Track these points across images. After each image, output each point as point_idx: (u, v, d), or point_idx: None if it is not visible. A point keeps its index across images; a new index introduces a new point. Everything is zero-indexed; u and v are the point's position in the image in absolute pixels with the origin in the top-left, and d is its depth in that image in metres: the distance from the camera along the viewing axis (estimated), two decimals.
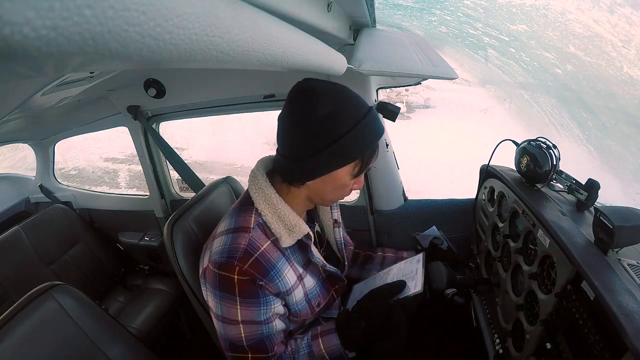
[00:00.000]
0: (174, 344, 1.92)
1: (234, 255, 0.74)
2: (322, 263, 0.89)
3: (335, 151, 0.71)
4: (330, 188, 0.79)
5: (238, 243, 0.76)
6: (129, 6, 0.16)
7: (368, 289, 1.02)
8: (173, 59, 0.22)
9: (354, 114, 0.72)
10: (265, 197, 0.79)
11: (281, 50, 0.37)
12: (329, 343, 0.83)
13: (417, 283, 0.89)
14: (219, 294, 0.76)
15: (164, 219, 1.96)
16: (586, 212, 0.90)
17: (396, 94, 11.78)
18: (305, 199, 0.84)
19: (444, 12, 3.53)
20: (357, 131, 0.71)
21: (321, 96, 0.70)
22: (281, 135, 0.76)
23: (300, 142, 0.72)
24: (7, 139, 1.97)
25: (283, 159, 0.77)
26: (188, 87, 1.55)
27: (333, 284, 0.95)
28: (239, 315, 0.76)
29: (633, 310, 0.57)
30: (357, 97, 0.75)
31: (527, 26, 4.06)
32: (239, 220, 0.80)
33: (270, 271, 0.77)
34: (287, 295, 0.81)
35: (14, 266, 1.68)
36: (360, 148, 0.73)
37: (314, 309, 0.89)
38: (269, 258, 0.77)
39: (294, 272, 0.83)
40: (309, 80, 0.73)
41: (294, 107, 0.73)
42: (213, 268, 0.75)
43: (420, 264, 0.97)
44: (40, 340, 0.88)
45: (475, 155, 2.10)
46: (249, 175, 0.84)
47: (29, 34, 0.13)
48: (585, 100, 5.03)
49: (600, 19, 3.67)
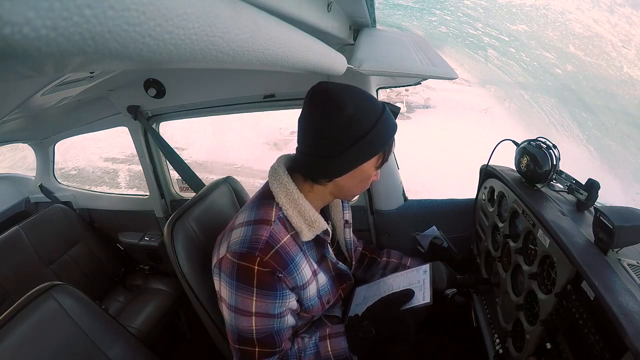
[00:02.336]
0: (174, 344, 1.92)
1: (256, 246, 0.76)
2: (335, 260, 0.93)
3: (362, 146, 0.75)
4: (357, 181, 0.82)
5: (260, 234, 0.77)
6: (129, 6, 0.16)
7: (372, 293, 1.03)
8: (173, 59, 0.22)
9: (374, 111, 0.77)
10: (287, 192, 0.81)
11: (281, 50, 0.37)
12: (336, 345, 0.85)
13: (425, 294, 0.91)
14: (235, 284, 0.76)
15: (164, 219, 1.96)
16: (586, 212, 0.90)
17: (396, 94, 11.78)
18: (328, 195, 0.86)
19: (444, 12, 3.53)
20: (379, 126, 0.76)
21: (344, 96, 0.73)
22: (305, 135, 0.79)
23: (327, 141, 0.75)
24: (7, 139, 1.97)
25: (307, 158, 0.79)
26: (188, 87, 1.55)
27: (341, 282, 0.98)
28: (253, 306, 0.77)
29: (633, 310, 0.57)
30: (372, 96, 0.80)
31: (527, 26, 4.06)
32: (260, 213, 0.82)
33: (289, 264, 0.79)
34: (302, 290, 0.83)
35: (14, 266, 1.68)
36: (383, 141, 0.78)
37: (324, 305, 0.91)
38: (288, 251, 0.79)
39: (309, 268, 0.85)
40: (326, 83, 0.76)
41: (316, 109, 0.75)
42: (232, 258, 0.76)
43: (427, 275, 0.98)
44: (40, 340, 0.88)
45: (475, 155, 2.10)
46: (268, 171, 0.86)
47: (29, 34, 0.13)
48: (585, 100, 5.03)
49: (600, 19, 3.68)
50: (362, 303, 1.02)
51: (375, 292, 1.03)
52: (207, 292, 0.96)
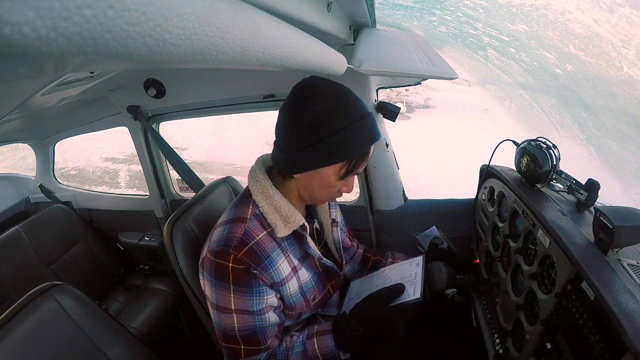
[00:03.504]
0: (174, 344, 1.92)
1: (230, 244, 0.77)
2: (319, 256, 0.91)
3: (320, 149, 0.72)
4: (316, 185, 0.80)
5: (234, 232, 0.79)
6: (129, 6, 0.16)
7: (365, 287, 1.02)
8: (173, 59, 0.22)
9: (345, 116, 0.71)
10: (262, 188, 0.82)
11: (281, 50, 0.37)
12: (323, 344, 0.84)
13: (416, 289, 0.89)
14: (215, 282, 0.78)
15: (164, 219, 1.96)
16: (586, 212, 0.90)
17: (396, 94, 11.78)
18: (297, 194, 0.86)
19: (444, 12, 3.53)
20: (346, 133, 0.71)
21: (317, 94, 0.72)
22: (277, 127, 0.79)
23: (291, 135, 0.75)
24: (7, 139, 1.97)
25: (277, 151, 0.80)
26: (188, 87, 1.55)
27: (329, 279, 0.97)
28: (232, 303, 0.78)
29: (633, 310, 0.57)
30: (356, 100, 0.75)
31: (527, 26, 4.06)
32: (237, 212, 0.84)
33: (264, 260, 0.79)
34: (281, 286, 0.83)
35: (14, 266, 1.68)
36: (346, 151, 0.73)
37: (309, 302, 0.90)
38: (263, 248, 0.80)
39: (288, 264, 0.85)
40: (312, 78, 0.76)
41: (291, 102, 0.75)
42: (210, 256, 0.78)
43: (420, 268, 0.96)
44: (40, 340, 0.88)
45: (475, 155, 2.10)
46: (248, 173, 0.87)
47: (29, 34, 0.13)
48: (585, 100, 5.03)
49: (600, 19, 3.68)
50: (355, 298, 1.01)
51: (368, 286, 1.02)
52: None
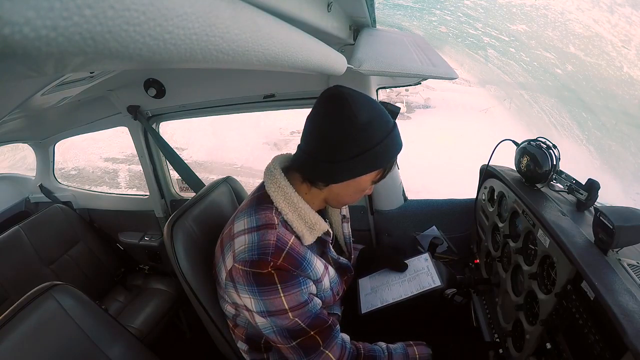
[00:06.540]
0: (174, 344, 1.92)
1: (267, 252, 0.74)
2: (336, 256, 0.95)
3: (366, 158, 0.74)
4: (351, 191, 0.82)
5: (267, 239, 0.75)
6: (129, 6, 0.16)
7: (378, 282, 1.07)
8: (173, 59, 0.22)
9: (385, 125, 0.76)
10: (285, 196, 0.80)
11: (281, 50, 0.37)
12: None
13: (434, 278, 0.98)
14: (258, 290, 0.75)
15: (164, 219, 1.96)
16: (586, 212, 0.90)
17: (396, 94, 11.79)
18: (322, 200, 0.85)
19: (444, 12, 3.53)
20: (387, 142, 0.75)
21: (359, 105, 0.72)
22: (311, 136, 0.77)
23: (334, 146, 0.73)
24: (7, 139, 1.97)
25: (309, 159, 0.78)
26: (188, 87, 1.55)
27: (342, 275, 0.99)
28: (285, 303, 0.76)
29: (633, 310, 0.57)
30: (385, 111, 0.79)
31: (527, 26, 4.07)
32: (262, 218, 0.79)
33: (302, 262, 0.78)
34: (318, 283, 0.84)
35: (14, 266, 1.67)
36: (388, 157, 0.78)
37: (335, 297, 0.93)
38: (298, 251, 0.78)
39: (320, 262, 0.86)
40: (343, 87, 0.75)
41: (329, 112, 0.74)
42: (244, 267, 0.74)
43: (429, 262, 1.04)
44: (40, 340, 0.88)
45: (475, 155, 2.10)
46: (263, 172, 0.85)
47: (29, 34, 0.13)
48: (585, 100, 5.03)
49: (600, 19, 3.68)
50: (371, 293, 1.04)
51: (381, 281, 1.06)
52: (207, 292, 0.96)
